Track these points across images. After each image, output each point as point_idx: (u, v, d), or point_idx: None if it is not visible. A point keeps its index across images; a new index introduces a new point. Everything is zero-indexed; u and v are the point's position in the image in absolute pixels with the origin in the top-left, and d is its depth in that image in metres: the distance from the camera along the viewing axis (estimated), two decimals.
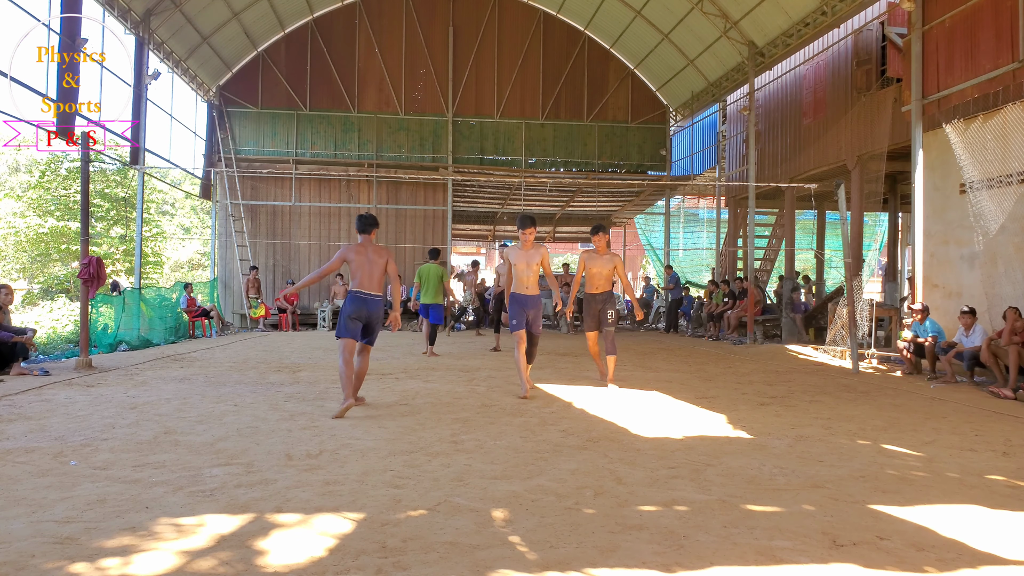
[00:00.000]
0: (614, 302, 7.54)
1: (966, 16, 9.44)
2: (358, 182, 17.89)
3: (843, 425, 5.51)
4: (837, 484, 3.82)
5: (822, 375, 8.81)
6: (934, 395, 7.29)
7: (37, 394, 6.48)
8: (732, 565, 2.71)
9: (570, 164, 18.99)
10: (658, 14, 16.64)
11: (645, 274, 26.70)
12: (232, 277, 17.13)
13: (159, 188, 28.43)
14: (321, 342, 12.75)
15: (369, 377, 7.97)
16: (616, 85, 19.15)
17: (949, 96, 9.64)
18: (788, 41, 13.68)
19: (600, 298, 7.45)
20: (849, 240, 10.29)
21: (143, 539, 2.89)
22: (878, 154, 11.83)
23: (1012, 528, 3.20)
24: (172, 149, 33.05)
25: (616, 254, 7.57)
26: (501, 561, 2.71)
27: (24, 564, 2.62)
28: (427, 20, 18.38)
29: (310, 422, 5.33)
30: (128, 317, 11.70)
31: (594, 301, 7.46)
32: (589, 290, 7.55)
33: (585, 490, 3.65)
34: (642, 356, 10.86)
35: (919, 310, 8.99)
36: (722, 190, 18.33)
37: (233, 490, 3.57)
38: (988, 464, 4.35)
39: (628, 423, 5.47)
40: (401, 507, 3.33)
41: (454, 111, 18.40)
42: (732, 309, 14.57)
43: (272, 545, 2.85)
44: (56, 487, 3.56)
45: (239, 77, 17.85)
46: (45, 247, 22.37)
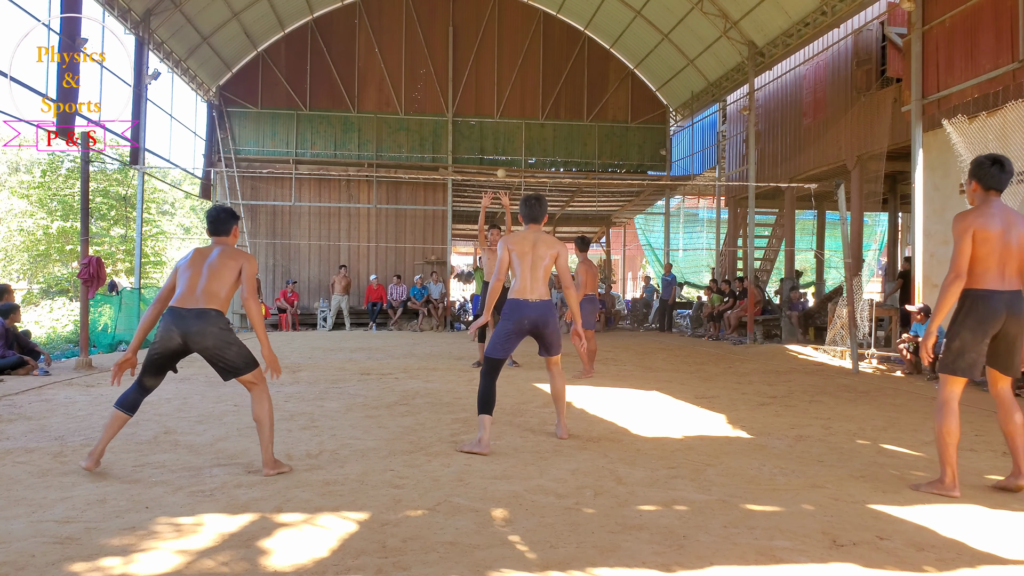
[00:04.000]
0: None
1: (966, 16, 9.44)
2: (358, 182, 17.88)
3: (843, 425, 5.51)
4: (837, 484, 3.82)
5: (822, 375, 8.81)
6: (934, 395, 7.29)
7: (37, 394, 6.48)
8: (732, 565, 2.71)
9: (570, 164, 18.99)
10: (658, 14, 16.64)
11: (645, 274, 26.70)
12: None
13: (159, 188, 28.43)
14: (321, 342, 12.75)
15: (369, 377, 7.96)
16: (616, 85, 19.15)
17: (949, 96, 9.64)
18: (788, 41, 13.68)
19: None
20: (849, 240, 10.29)
21: (143, 539, 2.89)
22: (878, 154, 11.83)
23: (1012, 528, 3.20)
24: (172, 149, 33.07)
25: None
26: (501, 561, 2.71)
27: (24, 564, 2.62)
28: (427, 20, 18.38)
29: (310, 422, 5.33)
30: (127, 317, 11.71)
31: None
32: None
33: (585, 490, 3.65)
34: (642, 356, 10.86)
35: (919, 310, 8.99)
36: (722, 190, 18.34)
37: (233, 490, 3.57)
38: (988, 464, 4.35)
39: (628, 423, 5.47)
40: (401, 507, 3.33)
41: (454, 111, 18.40)
42: (732, 309, 14.57)
43: (272, 545, 2.85)
44: (56, 487, 3.56)
45: (239, 77, 17.84)
46: (46, 247, 22.39)
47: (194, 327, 3.83)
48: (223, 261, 3.99)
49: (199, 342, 3.85)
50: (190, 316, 3.84)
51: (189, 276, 3.95)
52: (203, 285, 3.91)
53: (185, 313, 3.84)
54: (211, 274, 3.94)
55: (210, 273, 3.94)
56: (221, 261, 3.98)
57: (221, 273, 3.95)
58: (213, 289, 3.91)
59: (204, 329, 3.84)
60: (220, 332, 3.89)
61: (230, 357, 3.94)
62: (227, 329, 3.95)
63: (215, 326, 3.87)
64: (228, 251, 4.06)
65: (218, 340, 3.87)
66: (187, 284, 3.93)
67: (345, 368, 8.78)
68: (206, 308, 3.88)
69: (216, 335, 3.86)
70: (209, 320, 3.86)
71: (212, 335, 3.85)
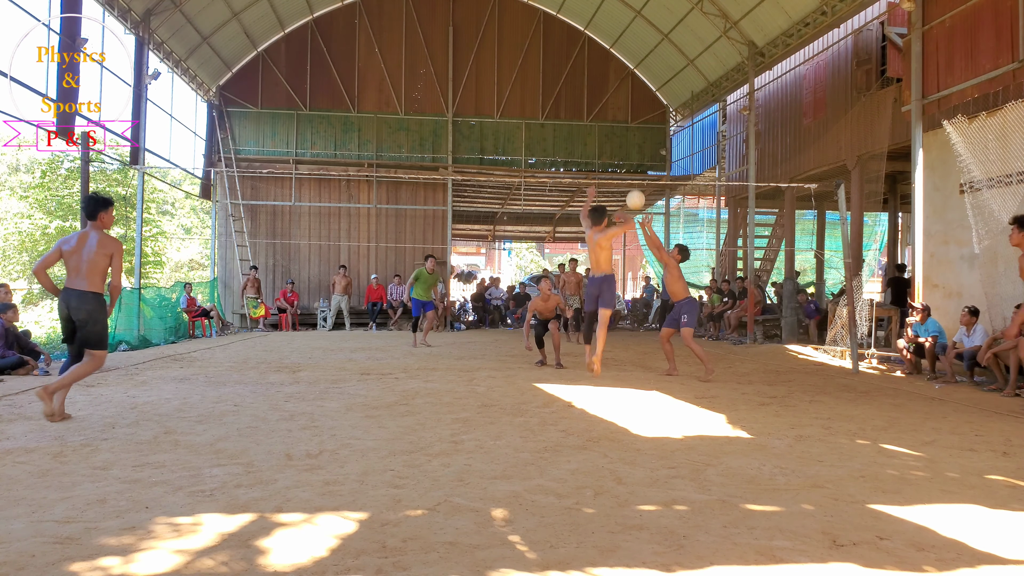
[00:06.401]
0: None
1: (966, 16, 9.44)
2: (358, 182, 17.88)
3: (843, 425, 5.51)
4: (837, 484, 3.82)
5: (822, 375, 8.81)
6: (934, 395, 7.29)
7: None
8: (732, 565, 2.71)
9: (570, 164, 18.99)
10: (658, 14, 16.64)
11: (645, 274, 26.71)
12: (232, 277, 17.13)
13: (159, 188, 28.43)
14: (321, 342, 12.74)
15: (369, 377, 7.99)
16: (616, 85, 19.15)
17: (949, 96, 9.64)
18: (788, 41, 13.68)
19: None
20: (849, 240, 10.29)
21: (143, 539, 2.89)
22: (878, 154, 11.83)
23: (1012, 528, 3.20)
24: (172, 149, 33.09)
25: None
26: (501, 561, 2.71)
27: (24, 564, 2.62)
28: (427, 20, 18.38)
29: (310, 422, 5.33)
30: (127, 317, 11.72)
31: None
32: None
33: (585, 490, 3.65)
34: (642, 356, 10.86)
35: (920, 310, 8.99)
36: (722, 190, 18.34)
37: (233, 490, 3.57)
38: (988, 464, 4.35)
39: (628, 423, 5.47)
40: (401, 507, 3.33)
41: (454, 111, 18.40)
42: (732, 309, 14.57)
43: (272, 545, 2.85)
44: (56, 487, 3.56)
45: (239, 77, 17.84)
46: (46, 247, 22.38)
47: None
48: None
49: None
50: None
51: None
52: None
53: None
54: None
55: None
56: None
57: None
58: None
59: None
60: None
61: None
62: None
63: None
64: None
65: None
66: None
67: (345, 368, 8.78)
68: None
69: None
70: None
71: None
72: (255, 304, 15.71)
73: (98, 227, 5.34)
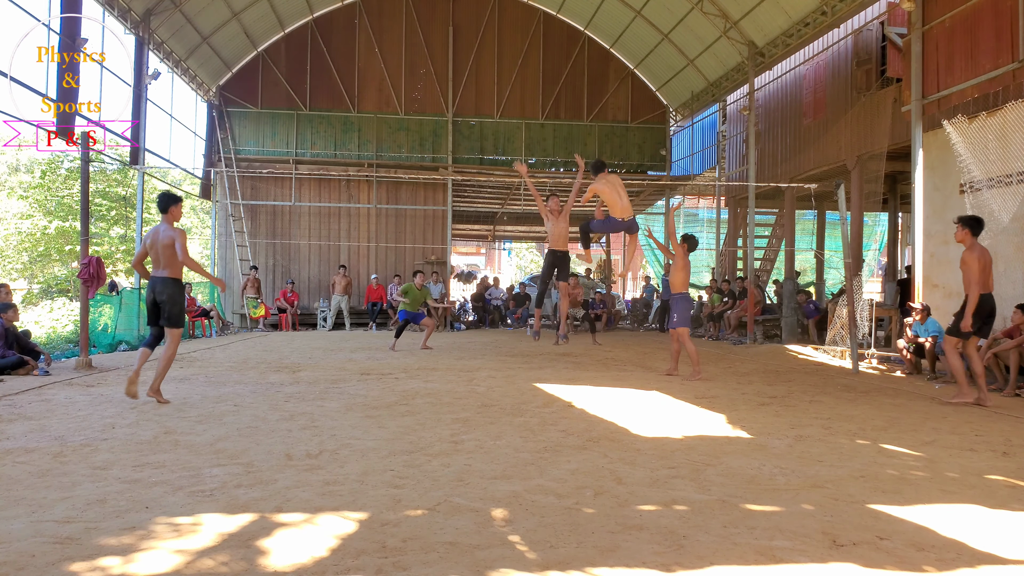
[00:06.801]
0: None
1: (966, 16, 9.44)
2: (358, 182, 17.89)
3: (843, 425, 5.51)
4: (837, 484, 3.82)
5: (822, 375, 8.81)
6: (934, 395, 7.29)
7: (37, 394, 6.48)
8: (732, 565, 2.71)
9: (570, 164, 18.97)
10: (658, 14, 16.65)
11: (645, 274, 26.70)
12: (232, 277, 17.13)
13: (159, 188, 28.44)
14: (321, 342, 12.75)
15: (369, 377, 7.99)
16: (616, 85, 19.15)
17: (949, 96, 9.64)
18: (788, 41, 13.68)
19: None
20: (849, 240, 10.29)
21: (143, 539, 2.89)
22: (878, 154, 11.83)
23: (1012, 528, 3.20)
24: (172, 149, 33.04)
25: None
26: (501, 561, 2.71)
27: (24, 564, 2.62)
28: (427, 20, 18.38)
29: (310, 422, 5.33)
30: (127, 317, 11.72)
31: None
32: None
33: (585, 490, 3.65)
34: (642, 356, 10.86)
35: (920, 310, 8.98)
36: (722, 190, 18.34)
37: (233, 490, 3.57)
38: (988, 464, 4.35)
39: (628, 423, 5.47)
40: (401, 507, 3.33)
41: (454, 111, 18.40)
42: (732, 309, 14.56)
43: (272, 545, 2.85)
44: (56, 487, 3.56)
45: (239, 77, 17.85)
46: (46, 247, 22.38)
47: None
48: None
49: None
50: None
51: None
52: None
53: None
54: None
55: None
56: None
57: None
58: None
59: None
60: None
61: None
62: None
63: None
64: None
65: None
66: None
67: (345, 368, 8.78)
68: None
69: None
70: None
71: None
72: (255, 304, 15.71)
73: (168, 220, 5.97)
